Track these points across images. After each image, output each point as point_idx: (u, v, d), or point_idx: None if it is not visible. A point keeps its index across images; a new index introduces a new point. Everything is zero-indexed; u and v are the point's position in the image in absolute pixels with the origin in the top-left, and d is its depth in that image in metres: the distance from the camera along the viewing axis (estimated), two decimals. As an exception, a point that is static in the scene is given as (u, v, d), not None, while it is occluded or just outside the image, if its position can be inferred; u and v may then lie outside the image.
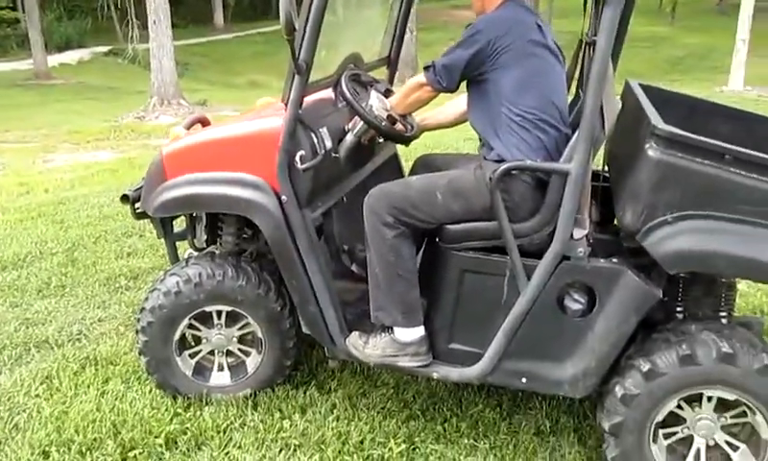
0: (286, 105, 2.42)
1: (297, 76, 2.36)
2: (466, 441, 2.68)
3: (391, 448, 2.61)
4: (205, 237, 3.06)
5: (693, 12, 33.19)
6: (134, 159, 8.48)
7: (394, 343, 2.51)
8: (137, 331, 2.83)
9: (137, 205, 2.96)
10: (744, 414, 2.27)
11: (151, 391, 2.94)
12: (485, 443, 2.67)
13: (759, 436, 2.25)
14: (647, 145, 2.12)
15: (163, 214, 2.79)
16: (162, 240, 3.12)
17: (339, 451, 2.60)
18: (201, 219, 3.04)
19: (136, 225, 5.07)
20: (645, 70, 24.03)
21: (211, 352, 2.92)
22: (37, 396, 2.95)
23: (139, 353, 2.87)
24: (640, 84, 2.84)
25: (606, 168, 2.76)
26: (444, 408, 2.87)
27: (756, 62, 21.53)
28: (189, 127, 3.07)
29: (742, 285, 4.01)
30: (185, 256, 2.98)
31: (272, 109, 2.86)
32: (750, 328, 2.49)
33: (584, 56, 2.80)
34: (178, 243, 3.18)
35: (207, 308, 2.78)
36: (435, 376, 2.55)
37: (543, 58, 2.38)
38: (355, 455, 2.58)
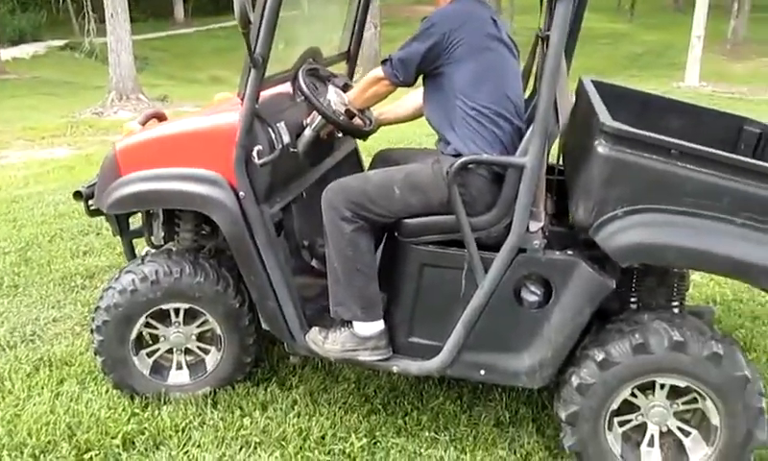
0: (242, 99, 2.40)
1: (253, 70, 2.34)
2: (426, 434, 2.70)
3: (352, 443, 2.61)
4: (163, 234, 3.01)
5: (651, 9, 33.83)
6: (92, 156, 8.29)
7: (353, 337, 2.51)
8: (92, 331, 2.78)
9: (91, 202, 2.90)
10: (695, 400, 2.34)
11: (107, 391, 2.89)
12: (445, 435, 2.69)
13: (710, 421, 2.31)
14: (596, 142, 2.16)
15: (118, 211, 2.74)
16: (119, 238, 3.07)
17: (300, 448, 2.59)
18: (157, 216, 2.99)
19: (93, 223, 4.96)
20: (605, 66, 24.39)
21: (169, 351, 2.88)
22: (-12, 399, 2.87)
23: (95, 353, 2.82)
24: (593, 81, 2.89)
25: (561, 161, 2.80)
26: (405, 402, 2.88)
27: (710, 58, 22.05)
28: (144, 122, 3.01)
29: (695, 276, 4.12)
30: (142, 254, 2.94)
31: (229, 104, 2.82)
32: (701, 317, 2.56)
33: (540, 51, 2.84)
34: (135, 240, 3.13)
35: (165, 306, 2.74)
36: (395, 369, 2.55)
37: (498, 52, 2.40)
38: (316, 451, 2.58)
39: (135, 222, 3.18)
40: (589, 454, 2.39)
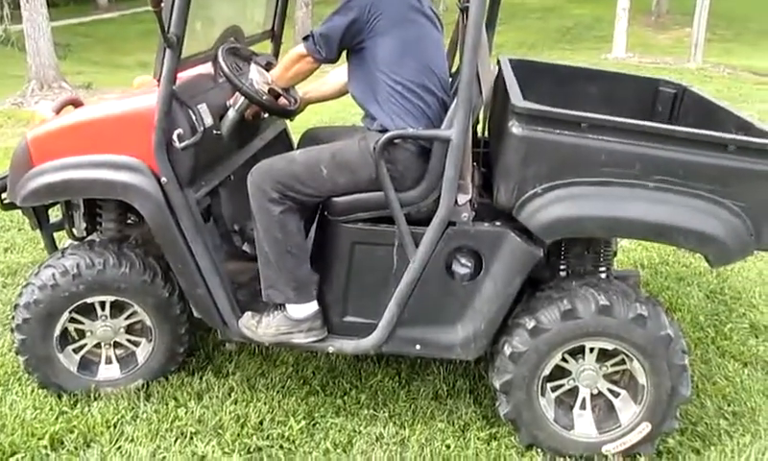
0: (159, 81, 2.31)
1: (168, 50, 2.25)
2: (365, 412, 2.70)
3: (291, 426, 2.59)
4: (84, 226, 2.89)
5: (579, -17, 34.48)
6: (12, 149, 7.89)
7: (287, 320, 2.48)
8: (12, 330, 2.65)
9: (4, 195, 2.76)
10: (623, 362, 2.41)
11: (33, 391, 2.77)
12: (384, 412, 2.69)
13: (637, 381, 2.39)
14: (510, 123, 2.18)
15: (32, 204, 2.61)
16: (38, 232, 2.93)
17: (237, 435, 2.55)
18: (78, 206, 2.87)
19: (14, 217, 4.73)
20: (536, 40, 24.80)
21: (97, 345, 2.78)
22: None
23: (16, 353, 2.70)
24: (510, 60, 2.91)
25: (487, 133, 2.82)
26: (343, 381, 2.87)
27: (637, 30, 22.64)
28: (59, 110, 2.87)
29: (624, 241, 4.25)
30: (63, 247, 2.81)
31: (147, 87, 2.72)
32: (627, 281, 2.64)
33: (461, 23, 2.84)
34: (56, 234, 2.99)
35: (89, 300, 2.63)
36: (331, 350, 2.54)
37: (421, 24, 2.38)
38: (254, 437, 2.55)
39: (56, 214, 3.05)
40: (524, 420, 2.44)
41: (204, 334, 3.13)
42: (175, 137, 2.35)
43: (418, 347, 2.49)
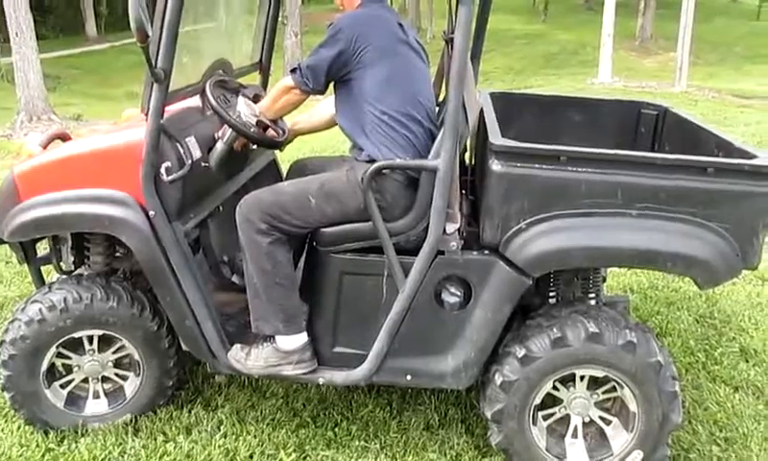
0: (147, 116, 2.31)
1: (155, 84, 2.26)
2: (357, 443, 2.68)
3: (281, 459, 2.57)
4: (72, 259, 2.88)
5: (564, 9, 35.04)
6: (1, 180, 7.87)
7: (276, 352, 2.46)
8: (-2, 366, 2.62)
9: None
10: (614, 389, 2.40)
11: (19, 428, 2.73)
12: (375, 443, 2.67)
13: (628, 408, 2.38)
14: (490, 161, 2.21)
15: (19, 239, 2.59)
16: (26, 266, 2.91)
17: (227, 469, 2.52)
18: (65, 240, 2.85)
19: (1, 251, 4.71)
20: (523, 66, 25.11)
21: (85, 380, 2.76)
22: None
23: (2, 389, 2.66)
24: (492, 94, 2.94)
25: (474, 161, 2.84)
26: (334, 413, 2.85)
27: (622, 55, 22.93)
28: (47, 144, 2.86)
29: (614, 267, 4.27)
30: (50, 282, 2.79)
31: (135, 121, 2.73)
32: (617, 307, 2.65)
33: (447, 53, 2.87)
34: (44, 268, 2.97)
35: (77, 334, 2.61)
36: (321, 381, 2.52)
37: (406, 56, 2.40)
38: (245, 471, 2.52)
39: (44, 248, 3.03)
40: (516, 450, 2.43)
41: (194, 367, 3.10)
42: (163, 171, 2.35)
43: (408, 377, 2.48)
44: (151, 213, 2.39)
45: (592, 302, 2.58)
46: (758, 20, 29.75)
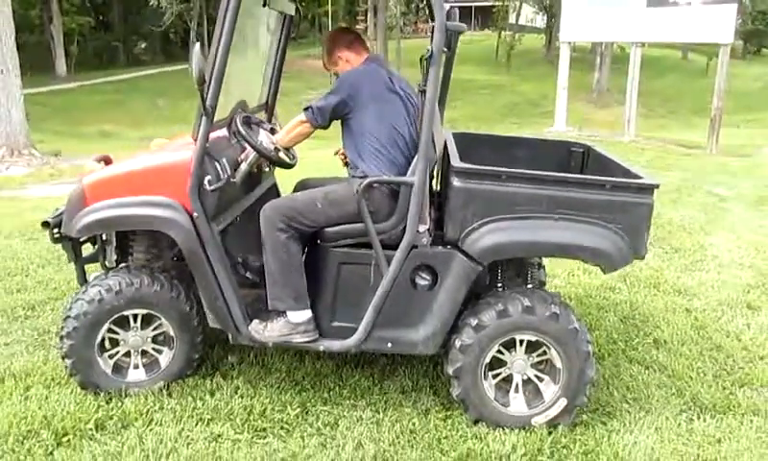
0: (195, 140, 3.05)
1: (204, 117, 3.01)
2: (348, 402, 3.38)
3: (288, 413, 3.25)
4: (115, 257, 3.58)
5: (526, 62, 36.78)
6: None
7: (288, 324, 3.18)
8: (62, 337, 3.26)
9: (55, 230, 3.42)
10: (545, 353, 3.17)
11: (72, 392, 3.36)
12: (362, 402, 3.39)
13: (555, 366, 3.15)
14: (452, 178, 3.01)
15: (87, 234, 3.28)
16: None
17: (246, 419, 3.20)
18: (110, 241, 3.55)
19: (15, 266, 5.33)
20: (487, 115, 26.36)
21: (127, 354, 3.41)
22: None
23: (63, 357, 3.30)
24: (454, 133, 3.80)
25: (438, 188, 3.66)
26: (328, 381, 3.56)
27: (579, 107, 24.27)
28: (100, 162, 3.58)
29: (557, 280, 5.10)
30: (91, 280, 3.44)
31: (176, 146, 3.46)
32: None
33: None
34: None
35: (126, 313, 3.28)
36: (321, 348, 3.23)
37: (392, 101, 3.21)
38: (260, 420, 3.20)
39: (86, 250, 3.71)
40: (472, 400, 3.16)
41: (209, 350, 3.77)
42: (206, 182, 3.08)
43: (389, 345, 3.21)
44: (195, 215, 3.10)
45: (529, 286, 3.38)
46: (706, 77, 31.75)
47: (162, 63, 39.13)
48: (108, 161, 3.76)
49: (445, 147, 3.57)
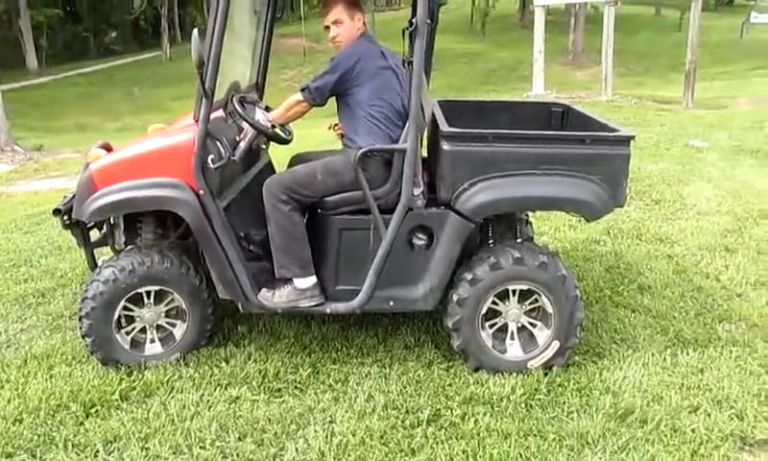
0: (197, 121, 3.21)
1: (204, 99, 3.17)
2: (355, 360, 3.60)
3: (300, 374, 3.46)
4: (123, 240, 3.74)
5: (500, 28, 36.78)
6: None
7: (294, 290, 3.38)
8: (80, 318, 3.44)
9: (66, 217, 3.58)
10: (536, 301, 3.40)
11: (94, 368, 3.54)
12: (369, 359, 3.61)
13: (546, 312, 3.38)
14: (441, 143, 3.20)
15: (99, 218, 3.45)
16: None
17: (261, 382, 3.41)
18: (118, 225, 3.72)
19: (19, 258, 5.47)
20: (465, 83, 26.43)
21: (142, 330, 3.60)
22: (-9, 388, 3.44)
23: (83, 336, 3.48)
24: (439, 101, 3.98)
25: (427, 154, 3.85)
26: (336, 343, 3.77)
27: (556, 70, 24.41)
28: (101, 149, 3.73)
29: (545, 237, 5.33)
30: (100, 263, 3.63)
31: (178, 128, 3.62)
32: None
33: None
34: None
35: (140, 290, 3.46)
36: (328, 311, 3.43)
37: (386, 76, 3.38)
38: (275, 382, 3.41)
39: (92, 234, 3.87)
40: (472, 349, 3.39)
41: (220, 323, 3.97)
42: (209, 161, 3.25)
43: (391, 303, 3.42)
44: (201, 193, 3.27)
45: (518, 240, 3.60)
46: (680, 31, 31.91)
47: (134, 52, 38.75)
48: (108, 148, 3.90)
49: (433, 114, 3.75)
